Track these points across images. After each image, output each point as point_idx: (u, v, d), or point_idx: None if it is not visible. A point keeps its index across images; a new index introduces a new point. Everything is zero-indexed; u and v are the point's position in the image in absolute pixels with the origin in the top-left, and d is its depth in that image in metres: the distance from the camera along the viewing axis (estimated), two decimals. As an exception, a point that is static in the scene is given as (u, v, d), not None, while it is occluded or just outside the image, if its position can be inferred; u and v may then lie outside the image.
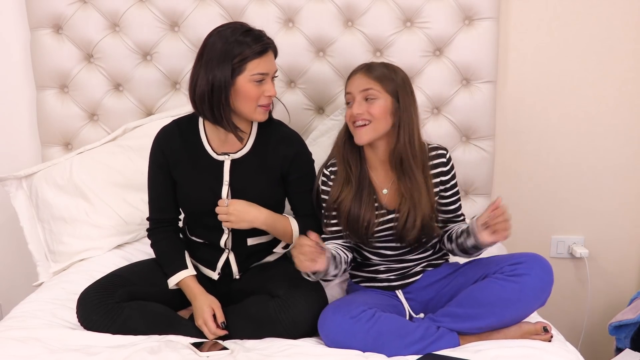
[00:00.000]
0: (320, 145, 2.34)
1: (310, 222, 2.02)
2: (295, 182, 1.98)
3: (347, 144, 1.94)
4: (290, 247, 2.02)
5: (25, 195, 2.36)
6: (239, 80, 1.83)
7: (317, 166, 2.05)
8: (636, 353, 2.27)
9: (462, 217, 2.02)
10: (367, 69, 1.89)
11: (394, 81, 1.87)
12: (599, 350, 2.72)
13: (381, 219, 1.89)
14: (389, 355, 1.68)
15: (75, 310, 1.83)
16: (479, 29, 2.38)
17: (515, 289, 1.74)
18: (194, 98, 1.87)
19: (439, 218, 1.96)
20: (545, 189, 2.64)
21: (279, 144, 1.96)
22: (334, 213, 1.92)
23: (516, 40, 2.51)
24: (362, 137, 1.87)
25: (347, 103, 1.91)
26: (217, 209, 1.88)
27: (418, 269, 1.95)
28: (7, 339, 1.69)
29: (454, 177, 1.96)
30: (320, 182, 1.97)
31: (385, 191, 1.92)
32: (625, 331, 2.35)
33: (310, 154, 2.02)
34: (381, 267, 1.97)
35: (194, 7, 2.39)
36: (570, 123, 2.58)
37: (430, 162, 1.92)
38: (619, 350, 2.37)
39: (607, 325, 2.42)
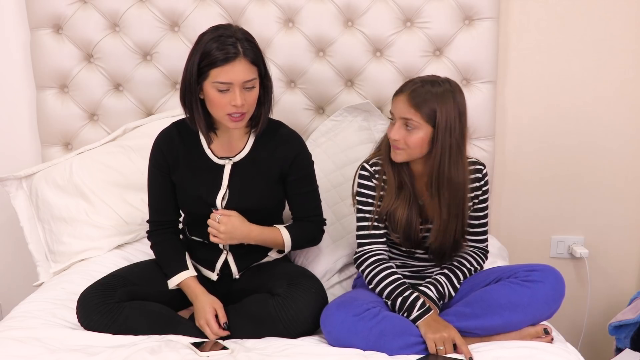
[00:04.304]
0: (321, 145, 2.34)
1: (311, 227, 2.02)
2: (294, 183, 1.98)
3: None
4: (284, 253, 2.02)
5: (25, 196, 2.36)
6: (205, 85, 1.81)
7: (316, 166, 2.05)
8: (636, 353, 2.27)
9: (484, 242, 1.97)
10: (412, 93, 1.76)
11: (436, 111, 1.74)
12: (599, 350, 2.72)
13: (420, 227, 1.89)
14: (389, 355, 1.67)
15: (75, 310, 1.82)
16: (479, 29, 2.38)
17: (527, 294, 1.74)
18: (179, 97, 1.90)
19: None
20: (545, 188, 2.64)
21: (278, 145, 1.95)
22: (381, 217, 1.88)
23: (516, 40, 2.51)
24: (396, 157, 1.83)
25: (390, 119, 1.83)
26: (209, 222, 1.87)
27: (434, 269, 1.95)
28: (7, 339, 1.69)
29: (485, 193, 1.93)
30: (359, 177, 1.91)
31: (420, 202, 1.89)
32: (625, 331, 2.35)
33: (309, 154, 2.01)
34: (397, 262, 1.97)
35: (194, 7, 2.39)
36: (570, 123, 2.58)
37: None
38: (619, 350, 2.37)
39: (607, 325, 2.42)
